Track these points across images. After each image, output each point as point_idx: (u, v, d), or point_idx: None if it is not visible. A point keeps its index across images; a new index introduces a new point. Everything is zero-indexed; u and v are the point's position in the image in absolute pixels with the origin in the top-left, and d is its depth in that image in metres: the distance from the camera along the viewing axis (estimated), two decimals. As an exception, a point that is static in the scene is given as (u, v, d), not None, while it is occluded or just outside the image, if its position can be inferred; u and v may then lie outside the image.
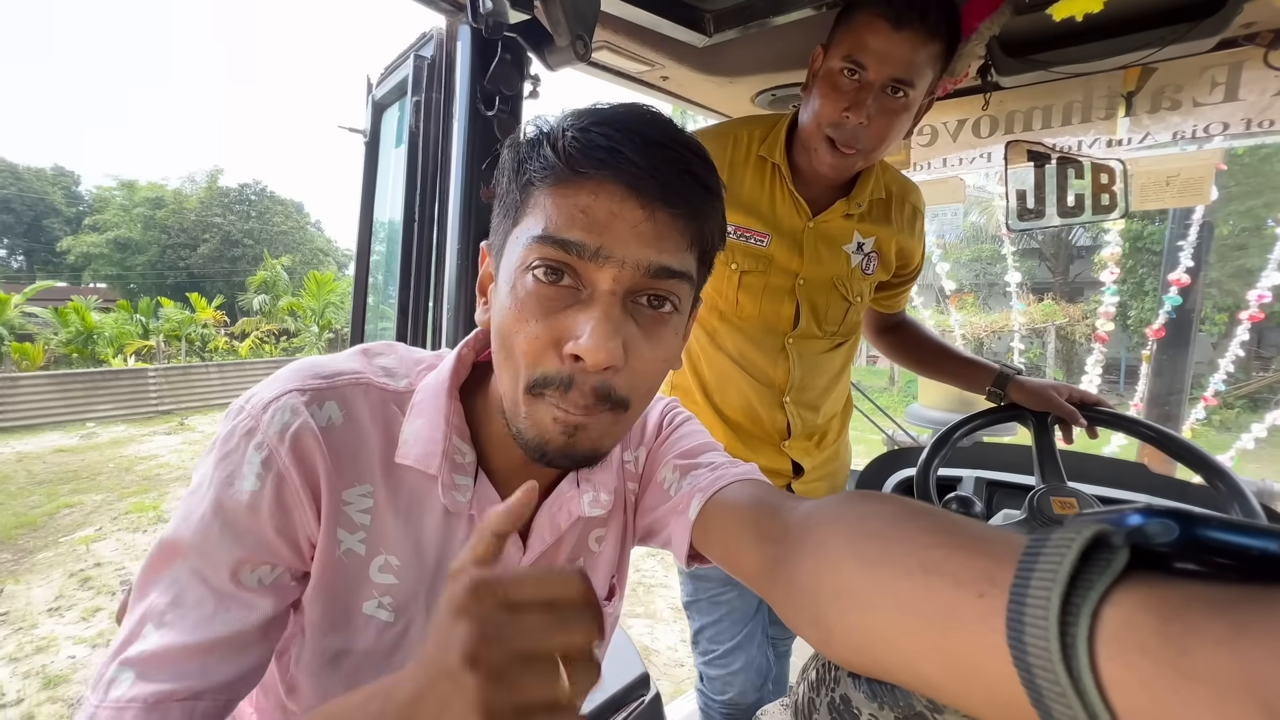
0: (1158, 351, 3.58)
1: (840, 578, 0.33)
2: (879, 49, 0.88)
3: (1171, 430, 1.07)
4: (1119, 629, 0.20)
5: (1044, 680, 0.21)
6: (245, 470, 0.45)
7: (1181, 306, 3.42)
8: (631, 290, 0.43)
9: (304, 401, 0.46)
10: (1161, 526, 0.21)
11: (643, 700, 1.18)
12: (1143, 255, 11.91)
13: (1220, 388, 3.73)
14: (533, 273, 0.43)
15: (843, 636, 0.33)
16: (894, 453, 1.50)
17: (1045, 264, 15.57)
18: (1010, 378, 1.16)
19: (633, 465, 0.60)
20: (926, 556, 0.29)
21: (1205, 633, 0.18)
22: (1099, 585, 0.21)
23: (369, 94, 1.50)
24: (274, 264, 20.65)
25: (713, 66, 1.17)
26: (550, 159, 0.42)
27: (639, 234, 0.42)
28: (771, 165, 1.07)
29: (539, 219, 0.43)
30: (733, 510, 0.49)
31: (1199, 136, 1.19)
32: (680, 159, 0.43)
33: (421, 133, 1.12)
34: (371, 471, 0.48)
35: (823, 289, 1.12)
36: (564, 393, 0.43)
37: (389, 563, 0.49)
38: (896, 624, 0.29)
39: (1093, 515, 0.22)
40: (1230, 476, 0.93)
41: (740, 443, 1.17)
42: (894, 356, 1.38)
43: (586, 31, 0.73)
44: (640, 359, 0.44)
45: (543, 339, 0.42)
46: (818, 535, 0.38)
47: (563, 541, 0.57)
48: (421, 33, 1.20)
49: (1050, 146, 1.32)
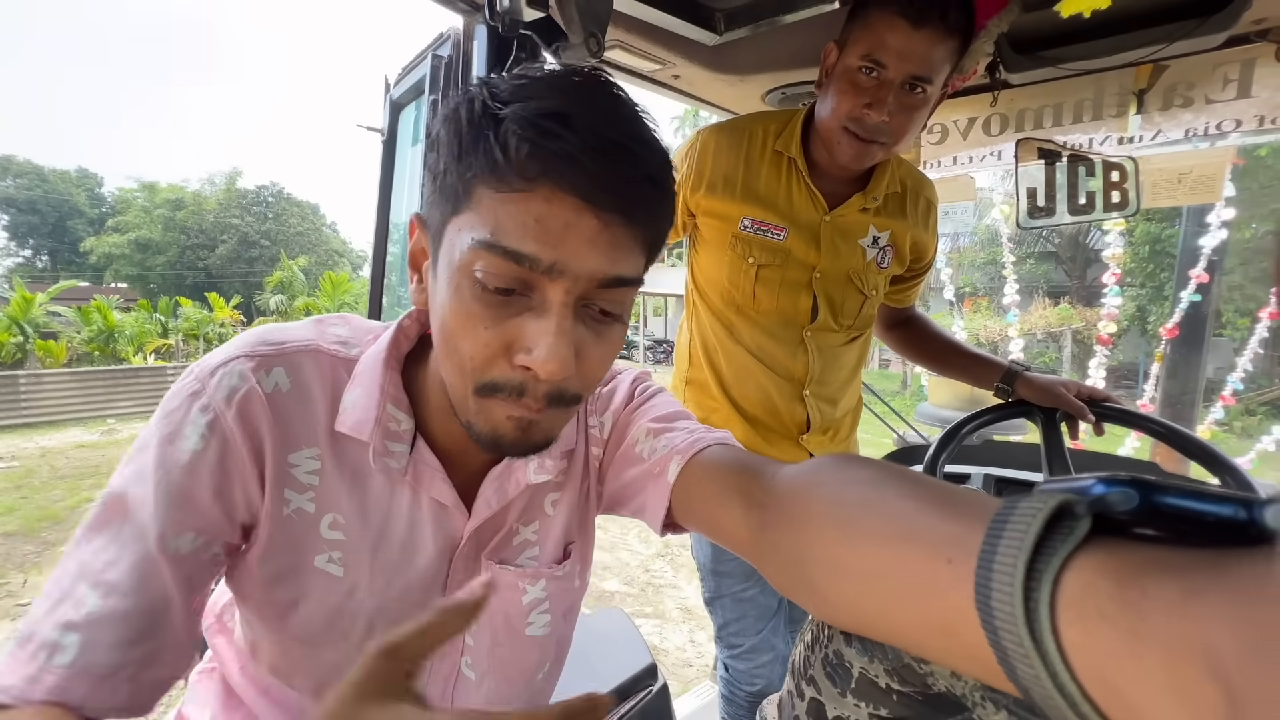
0: (1171, 351, 3.52)
1: (824, 545, 0.34)
2: (898, 47, 0.89)
3: (1180, 427, 1.07)
4: (1079, 594, 0.21)
5: (1009, 642, 0.22)
6: (188, 430, 0.45)
7: (1199, 304, 3.37)
8: (582, 299, 0.42)
9: (251, 368, 0.47)
10: (1122, 495, 0.21)
11: (650, 690, 1.19)
12: (1162, 259, 11.73)
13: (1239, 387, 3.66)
14: (479, 279, 0.40)
15: (834, 602, 0.34)
16: (903, 450, 1.50)
17: (1062, 267, 15.39)
18: (1018, 374, 1.16)
19: (598, 430, 0.60)
20: (902, 524, 0.30)
21: (1158, 596, 0.19)
22: (1061, 552, 0.21)
23: (387, 94, 1.53)
24: (291, 265, 20.94)
25: (723, 65, 1.19)
26: (498, 160, 0.38)
27: (593, 246, 0.40)
28: (788, 160, 1.08)
29: (484, 220, 0.40)
30: (715, 472, 0.48)
31: (1211, 134, 1.18)
32: (639, 162, 0.40)
33: (438, 130, 1.15)
34: (318, 435, 0.49)
35: (839, 282, 1.13)
36: (517, 398, 0.42)
37: (337, 520, 0.50)
38: (878, 591, 0.30)
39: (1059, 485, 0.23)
40: (1239, 472, 0.93)
41: (759, 437, 1.18)
42: (903, 351, 1.39)
43: (600, 29, 0.75)
44: (590, 360, 0.44)
45: (492, 346, 0.41)
46: (800, 502, 0.38)
47: (511, 506, 0.56)
48: (438, 33, 1.23)
49: (1061, 144, 1.32)
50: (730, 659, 1.30)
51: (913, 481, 0.33)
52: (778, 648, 1.27)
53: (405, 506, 0.52)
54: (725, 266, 1.12)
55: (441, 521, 0.53)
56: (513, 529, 0.57)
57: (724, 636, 1.30)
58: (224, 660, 0.58)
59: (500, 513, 0.56)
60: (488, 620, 0.57)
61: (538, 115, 0.38)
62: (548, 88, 0.40)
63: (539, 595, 0.58)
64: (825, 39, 1.10)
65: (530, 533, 0.58)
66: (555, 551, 0.60)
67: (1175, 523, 0.21)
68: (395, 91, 1.47)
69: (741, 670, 1.28)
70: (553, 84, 0.40)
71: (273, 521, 0.48)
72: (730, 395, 1.18)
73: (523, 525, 0.58)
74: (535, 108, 0.39)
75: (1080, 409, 1.09)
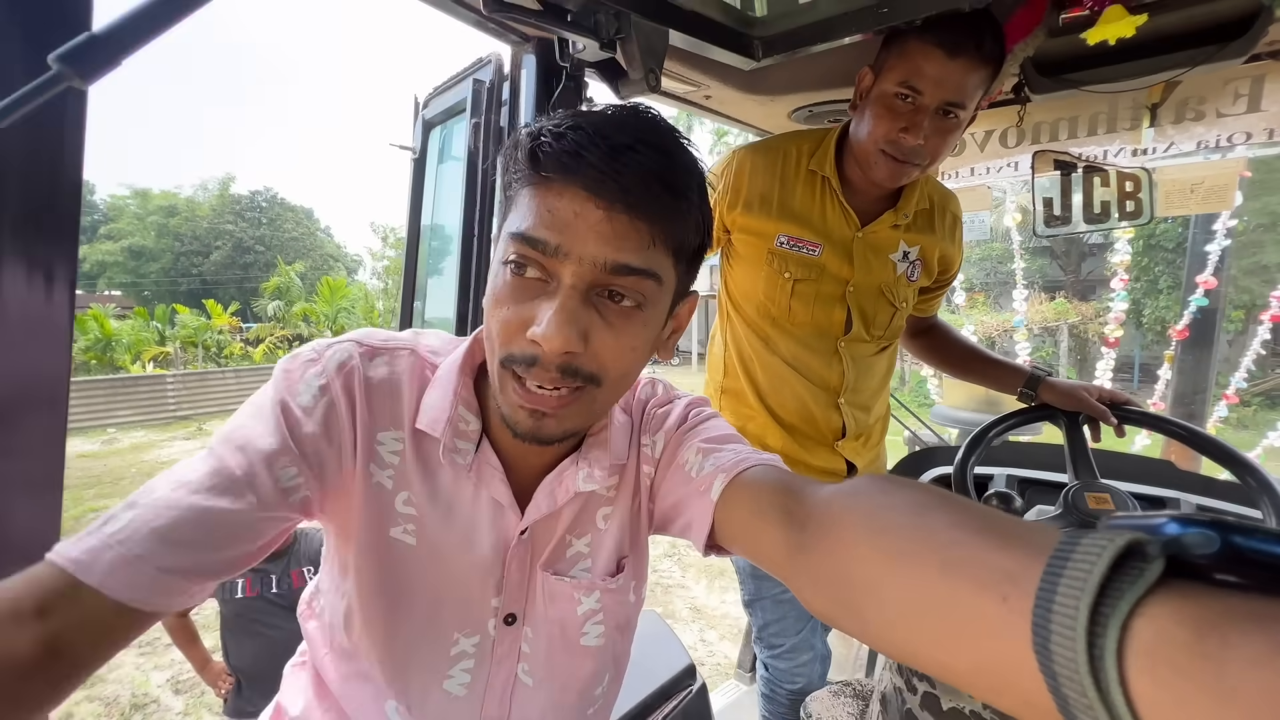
0: (1181, 352, 3.61)
1: (866, 570, 0.34)
2: (934, 75, 0.93)
3: (1199, 429, 1.12)
4: (1151, 642, 0.19)
5: (1070, 690, 0.21)
6: (302, 388, 0.51)
7: (1206, 308, 3.45)
8: (593, 285, 0.46)
9: (360, 352, 0.53)
10: (1202, 537, 0.20)
11: (690, 690, 1.24)
12: (1156, 253, 11.84)
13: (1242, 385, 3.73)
14: (508, 265, 0.47)
15: (877, 629, 0.33)
16: (924, 451, 1.55)
17: (1057, 262, 15.50)
18: (1041, 379, 1.21)
19: (650, 449, 0.62)
20: (947, 554, 0.29)
21: (1242, 650, 0.17)
22: (1130, 595, 0.20)
23: (418, 114, 1.57)
24: (288, 270, 20.88)
25: (754, 86, 1.23)
26: (524, 163, 0.46)
27: (598, 233, 0.44)
28: (822, 178, 1.12)
29: (518, 216, 0.47)
30: (756, 492, 0.49)
31: (1222, 145, 1.24)
32: (644, 162, 0.44)
33: (481, 152, 1.19)
34: (403, 422, 0.55)
35: (871, 295, 1.17)
36: (529, 368, 0.47)
37: (411, 498, 0.55)
38: (925, 624, 0.29)
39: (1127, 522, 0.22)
40: (1259, 471, 0.97)
41: (796, 444, 1.22)
42: (926, 357, 1.43)
43: (658, 64, 0.80)
44: (602, 345, 0.47)
45: (512, 323, 0.47)
46: (840, 523, 0.38)
47: (561, 515, 0.60)
48: (477, 58, 1.27)
49: (1077, 156, 1.37)
50: (771, 659, 1.34)
51: (960, 507, 0.32)
52: (816, 647, 1.31)
53: (468, 500, 0.57)
54: (762, 281, 1.15)
55: (497, 519, 0.57)
56: (565, 540, 0.60)
57: (764, 637, 1.34)
58: (314, 645, 0.62)
59: (552, 523, 0.59)
60: (544, 628, 0.60)
61: (566, 126, 0.45)
62: (583, 111, 0.48)
63: (593, 606, 0.61)
64: (850, 61, 1.15)
65: (583, 545, 0.61)
66: (608, 565, 0.62)
67: (1262, 570, 0.19)
68: (427, 112, 1.51)
69: (783, 669, 1.32)
70: (588, 109, 0.48)
71: (362, 489, 0.53)
72: (767, 404, 1.21)
73: (575, 537, 0.61)
74: (567, 122, 0.46)
75: (1103, 412, 1.14)
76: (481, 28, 0.95)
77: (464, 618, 0.57)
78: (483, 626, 0.58)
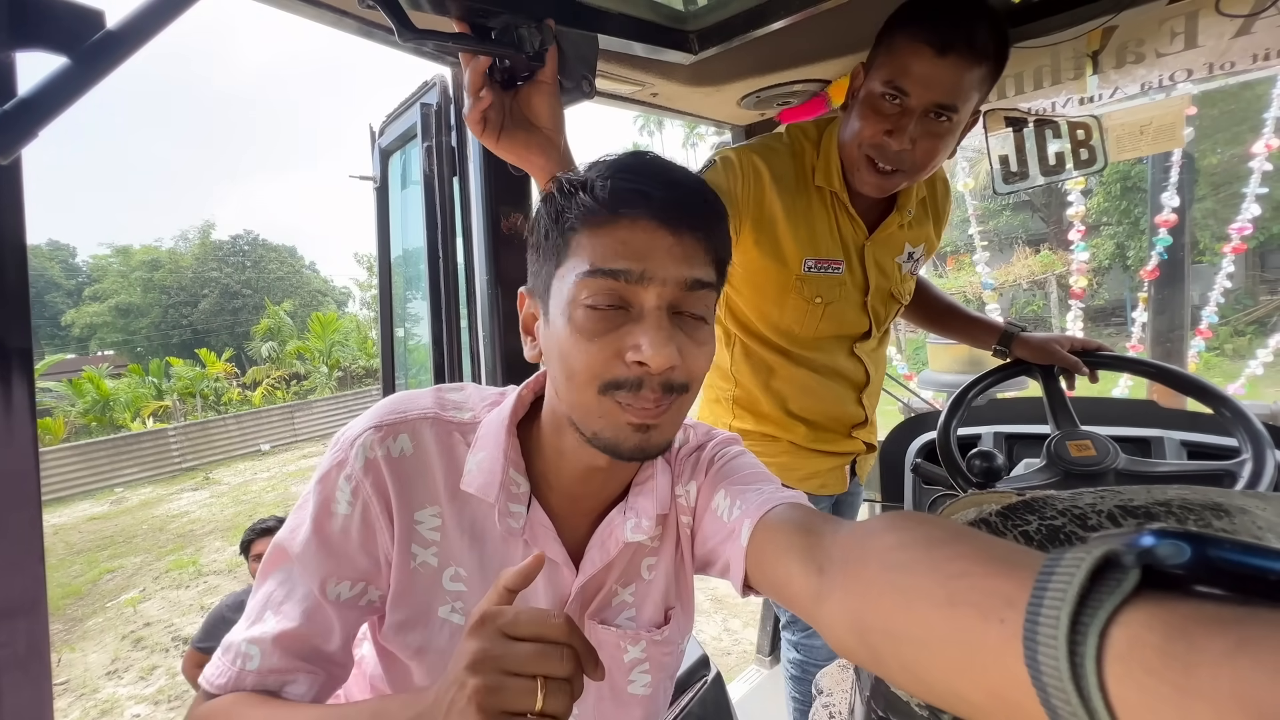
0: (1154, 291, 3.64)
1: (882, 614, 0.35)
2: (922, 75, 0.87)
3: (1169, 365, 1.13)
4: (1126, 648, 0.20)
5: (1058, 700, 0.22)
6: (338, 496, 0.54)
7: (1171, 246, 3.48)
8: (673, 304, 0.50)
9: (379, 438, 0.55)
10: (1173, 548, 0.21)
11: (705, 679, 1.25)
12: (1135, 195, 11.88)
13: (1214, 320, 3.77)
14: (583, 305, 0.49)
15: (896, 670, 0.34)
16: (914, 419, 1.56)
17: (1038, 214, 15.53)
18: (1015, 335, 1.22)
19: (684, 499, 0.63)
20: (953, 586, 0.30)
21: (1207, 650, 0.18)
22: (1108, 605, 0.21)
23: (374, 143, 1.57)
24: (276, 310, 20.86)
25: (699, 79, 1.24)
26: (589, 204, 0.50)
27: (673, 256, 0.49)
28: (830, 193, 1.08)
29: (583, 257, 0.49)
30: (778, 534, 0.51)
31: (1165, 85, 1.25)
32: (694, 191, 0.52)
33: (436, 174, 1.19)
34: (438, 494, 0.56)
35: (883, 298, 1.17)
36: (636, 392, 0.49)
37: (459, 574, 0.57)
38: (936, 657, 0.30)
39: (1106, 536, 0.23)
40: (1232, 401, 0.99)
41: (816, 437, 1.21)
42: (905, 314, 1.44)
43: (590, 71, 0.80)
44: (692, 357, 0.52)
45: (606, 352, 0.49)
46: (855, 566, 0.39)
47: (613, 566, 0.61)
48: (423, 82, 1.27)
49: (1026, 111, 1.38)
50: (803, 640, 1.36)
51: (966, 539, 0.33)
52: None
53: (519, 558, 0.57)
54: (789, 310, 1.11)
55: (552, 578, 0.59)
56: (612, 590, 0.62)
57: (796, 622, 1.36)
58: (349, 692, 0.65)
59: (601, 574, 0.61)
60: None
61: (614, 170, 0.51)
62: (616, 158, 0.53)
63: (639, 656, 0.62)
64: (793, 44, 1.15)
65: (628, 594, 0.63)
66: (655, 615, 0.64)
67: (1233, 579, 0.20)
68: (383, 140, 1.52)
69: (815, 646, 1.34)
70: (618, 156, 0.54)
71: (401, 573, 0.55)
72: (788, 408, 1.20)
73: (621, 587, 0.62)
74: (610, 166, 0.52)
75: (1074, 363, 1.15)
76: (417, 52, 0.96)
77: None
78: None
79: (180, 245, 31.76)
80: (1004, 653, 0.25)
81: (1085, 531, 0.32)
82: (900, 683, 0.34)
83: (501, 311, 1.16)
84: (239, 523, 8.22)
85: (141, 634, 5.30)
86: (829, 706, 1.04)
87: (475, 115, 0.74)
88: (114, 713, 4.25)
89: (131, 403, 14.78)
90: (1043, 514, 0.36)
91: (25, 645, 0.58)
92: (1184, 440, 1.19)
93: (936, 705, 0.33)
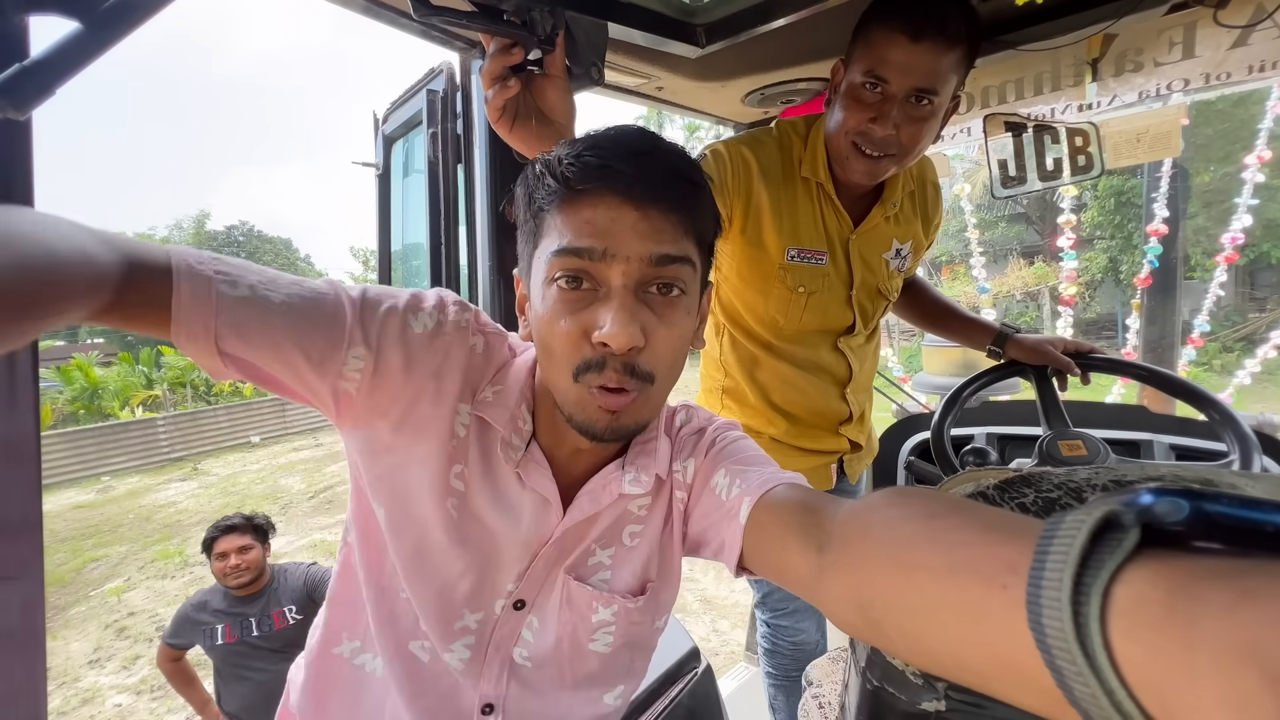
0: (1147, 300, 3.70)
1: (884, 586, 0.35)
2: (899, 62, 0.90)
3: (1160, 368, 1.15)
4: (1129, 605, 0.20)
5: (1063, 660, 0.22)
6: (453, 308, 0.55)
7: (1163, 255, 3.53)
8: (641, 281, 0.49)
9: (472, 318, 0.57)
10: (1171, 505, 0.21)
11: (695, 672, 1.25)
12: (1128, 210, 12.01)
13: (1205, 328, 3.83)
14: (556, 283, 0.50)
15: (899, 641, 0.34)
16: (908, 420, 1.57)
17: (1033, 227, 15.66)
18: (1009, 336, 1.23)
19: (681, 475, 0.63)
20: (953, 556, 0.30)
21: (1210, 603, 0.18)
22: (1110, 564, 0.21)
23: (378, 130, 1.57)
24: (269, 302, 20.65)
25: (705, 74, 1.25)
26: (553, 185, 0.50)
27: (638, 232, 0.48)
28: (816, 184, 1.10)
29: (554, 238, 0.50)
30: (779, 512, 0.51)
31: (1162, 94, 1.27)
32: (662, 162, 0.50)
33: (441, 161, 1.20)
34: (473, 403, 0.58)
35: (870, 293, 1.18)
36: (599, 371, 0.50)
37: (464, 471, 0.58)
38: (939, 625, 0.30)
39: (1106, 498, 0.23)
40: (1220, 404, 1.00)
41: (801, 433, 1.23)
42: (903, 313, 1.45)
43: (599, 59, 0.81)
44: (659, 339, 0.51)
45: (574, 333, 0.50)
46: (856, 541, 0.39)
47: (598, 520, 0.61)
48: (429, 69, 1.28)
49: (1026, 116, 1.40)
50: (774, 619, 1.38)
51: (966, 510, 0.33)
52: (817, 611, 1.34)
53: (513, 492, 0.59)
54: (773, 300, 1.13)
55: (540, 515, 0.59)
56: (590, 548, 0.62)
57: (768, 603, 1.37)
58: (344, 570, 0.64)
59: (584, 524, 0.61)
60: (554, 625, 0.61)
61: (584, 148, 0.50)
62: (594, 133, 0.52)
63: (607, 618, 0.62)
64: (799, 41, 1.17)
65: (605, 556, 0.62)
66: (629, 583, 0.63)
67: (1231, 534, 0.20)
68: (387, 127, 1.52)
69: (785, 625, 1.36)
70: (597, 131, 0.52)
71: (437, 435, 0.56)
72: (772, 400, 1.21)
73: (600, 548, 0.62)
74: (581, 142, 0.50)
75: (1067, 364, 1.16)
76: (427, 36, 0.97)
77: (477, 598, 0.59)
78: (489, 606, 0.60)
79: (174, 235, 31.52)
80: (1007, 618, 0.25)
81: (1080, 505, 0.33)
82: (903, 654, 0.34)
83: (504, 301, 1.17)
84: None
85: (125, 623, 5.25)
86: (819, 697, 1.05)
87: (498, 102, 0.74)
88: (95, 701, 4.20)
89: (121, 391, 14.62)
90: (1039, 487, 0.37)
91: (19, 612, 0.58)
92: (1173, 444, 1.21)
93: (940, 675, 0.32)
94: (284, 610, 2.10)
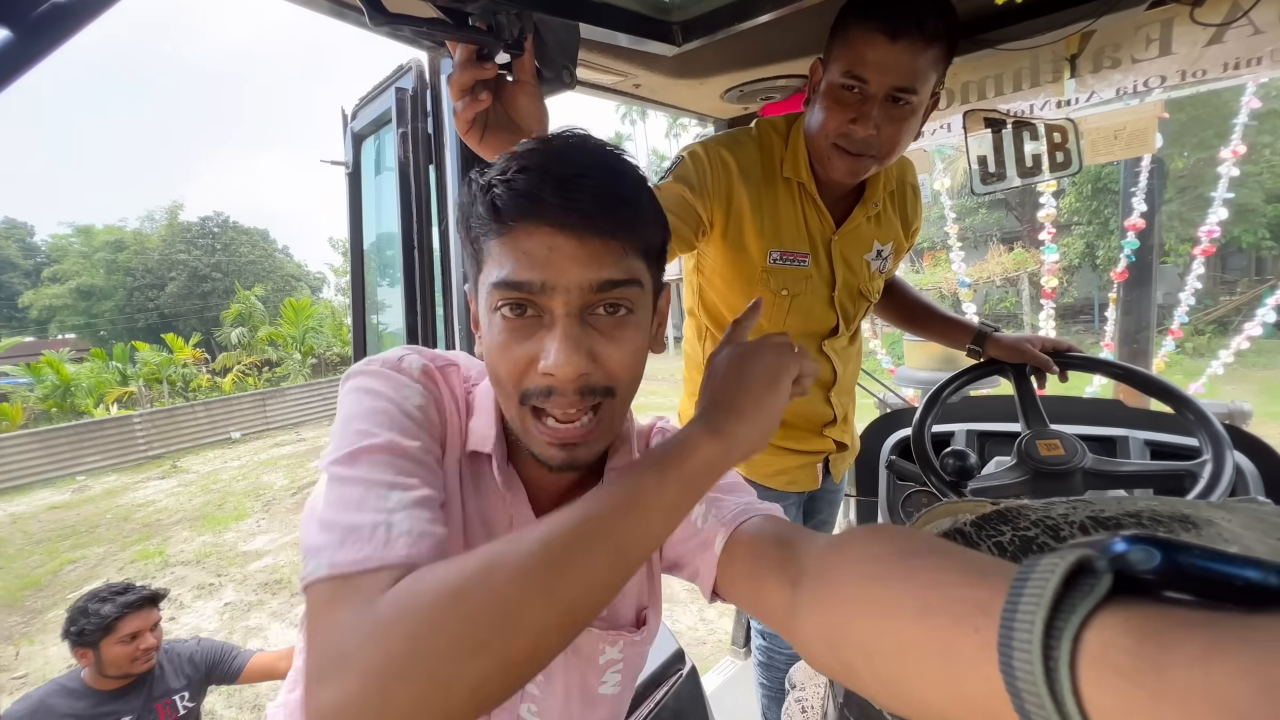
0: (1124, 292, 3.77)
1: (857, 629, 0.34)
2: (878, 61, 0.89)
3: (1137, 367, 1.16)
4: (1099, 651, 0.20)
5: (1032, 705, 0.22)
6: (408, 390, 0.52)
7: (1139, 249, 3.60)
8: (585, 307, 0.48)
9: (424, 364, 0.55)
10: (1144, 553, 0.21)
11: (680, 673, 1.25)
12: (1105, 195, 12.17)
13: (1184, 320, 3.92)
14: (500, 312, 0.48)
15: (872, 685, 0.34)
16: (890, 415, 1.58)
17: (1013, 213, 15.82)
18: (988, 335, 1.24)
19: None
20: (926, 596, 0.30)
21: (1178, 653, 0.18)
22: (1081, 609, 0.21)
23: (346, 127, 1.52)
24: (247, 295, 20.33)
25: (682, 71, 1.22)
26: (484, 216, 0.48)
27: (576, 260, 0.46)
28: (798, 184, 1.09)
29: (493, 267, 0.48)
30: (754, 546, 0.50)
31: (1140, 91, 1.27)
32: (596, 184, 0.47)
33: (411, 162, 1.16)
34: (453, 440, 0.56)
35: (851, 294, 1.18)
36: (548, 398, 0.48)
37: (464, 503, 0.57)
38: (912, 670, 0.30)
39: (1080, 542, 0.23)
40: (1194, 403, 1.01)
41: (787, 435, 1.22)
42: (881, 314, 1.45)
43: (571, 61, 0.78)
44: (609, 358, 0.49)
45: (520, 362, 0.48)
46: (830, 579, 0.39)
47: None
48: (397, 66, 1.24)
49: (1005, 112, 1.39)
50: (769, 630, 1.38)
51: (941, 551, 0.33)
52: None
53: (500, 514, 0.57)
54: None
55: None
56: None
57: None
58: None
59: None
60: (562, 674, 0.59)
61: (513, 172, 0.47)
62: (524, 151, 0.49)
63: (615, 656, 0.61)
64: (778, 38, 1.14)
65: None
66: (627, 614, 0.63)
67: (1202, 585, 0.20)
68: (356, 124, 1.47)
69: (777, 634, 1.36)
70: (527, 148, 0.49)
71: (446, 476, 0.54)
72: None
73: None
74: (512, 167, 0.47)
75: (1045, 362, 1.17)
76: (393, 36, 0.93)
77: None
78: None
79: (146, 226, 30.70)
80: (979, 661, 0.25)
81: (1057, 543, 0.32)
82: (874, 696, 0.34)
83: (478, 302, 1.14)
84: (207, 512, 8.04)
85: (105, 626, 5.17)
86: (801, 701, 1.06)
87: (468, 115, 0.71)
88: (75, 707, 4.14)
89: (94, 388, 14.29)
90: (1016, 525, 0.37)
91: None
92: (1148, 440, 1.22)
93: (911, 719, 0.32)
94: (173, 699, 1.71)
